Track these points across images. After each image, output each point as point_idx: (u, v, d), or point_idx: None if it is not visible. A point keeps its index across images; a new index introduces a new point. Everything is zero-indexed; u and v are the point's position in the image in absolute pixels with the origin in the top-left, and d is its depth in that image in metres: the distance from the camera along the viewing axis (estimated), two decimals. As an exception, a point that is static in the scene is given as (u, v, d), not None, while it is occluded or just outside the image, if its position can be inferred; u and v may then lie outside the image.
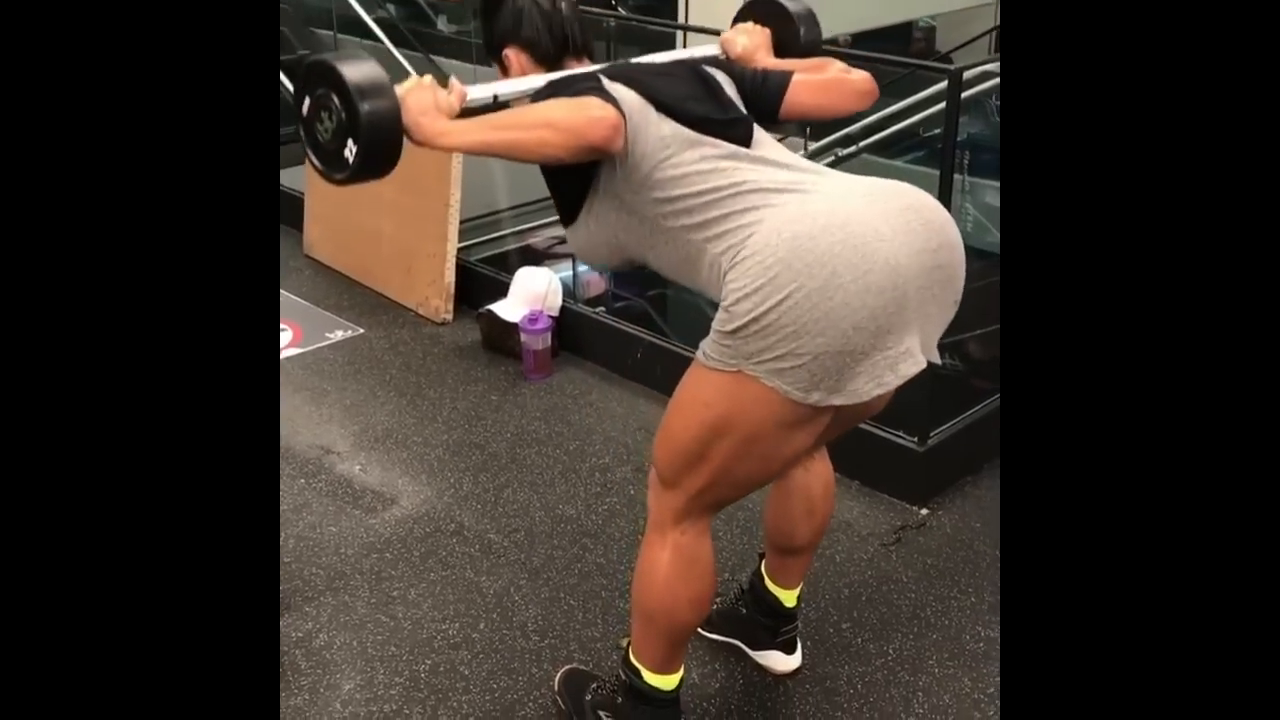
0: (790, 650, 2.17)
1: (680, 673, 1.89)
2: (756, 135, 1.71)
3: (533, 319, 3.33)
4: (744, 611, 2.19)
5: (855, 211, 1.54)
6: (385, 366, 3.46)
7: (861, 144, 4.38)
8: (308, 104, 1.53)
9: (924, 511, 2.70)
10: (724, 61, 1.88)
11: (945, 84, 2.58)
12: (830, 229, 1.50)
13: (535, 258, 4.05)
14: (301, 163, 1.59)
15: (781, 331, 1.49)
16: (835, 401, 1.54)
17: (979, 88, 3.65)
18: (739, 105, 1.75)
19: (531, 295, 3.44)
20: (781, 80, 1.81)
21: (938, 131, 3.50)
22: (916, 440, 2.68)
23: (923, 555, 2.54)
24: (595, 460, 2.93)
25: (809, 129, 4.24)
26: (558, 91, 1.62)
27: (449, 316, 3.72)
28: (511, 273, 3.56)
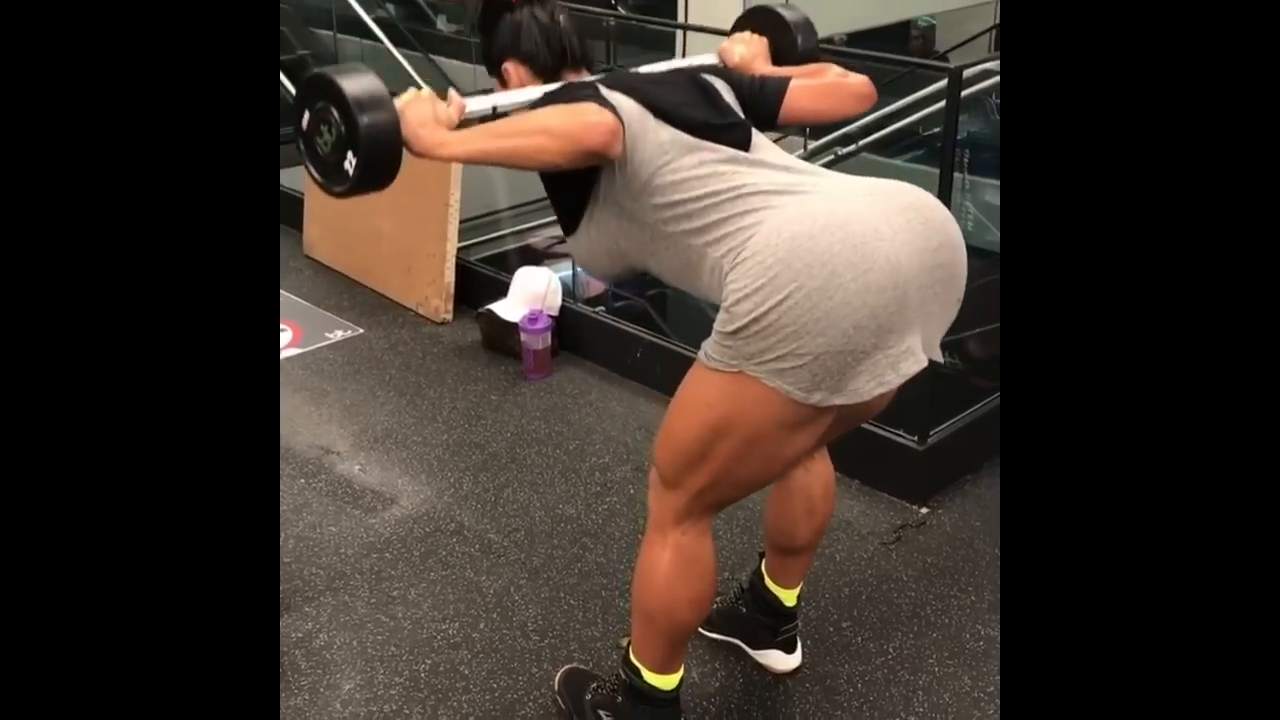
0: (790, 649, 2.18)
1: (680, 672, 1.89)
2: (755, 139, 1.71)
3: (532, 318, 3.33)
4: (744, 610, 2.19)
5: (855, 211, 1.54)
6: (385, 366, 3.46)
7: (861, 143, 4.39)
8: (307, 118, 1.54)
9: (924, 510, 2.70)
10: (722, 69, 1.88)
11: (945, 82, 2.58)
12: (830, 228, 1.50)
13: (535, 257, 4.06)
14: (301, 163, 1.59)
15: (782, 332, 1.49)
16: (837, 401, 1.54)
17: (979, 86, 3.66)
18: (737, 111, 1.75)
19: (531, 295, 3.44)
20: (779, 86, 1.82)
21: (937, 130, 3.51)
22: (916, 439, 2.69)
23: (923, 554, 2.54)
24: (595, 460, 2.93)
25: (808, 129, 4.25)
26: (556, 101, 1.62)
27: (449, 316, 3.72)
28: (511, 272, 3.56)
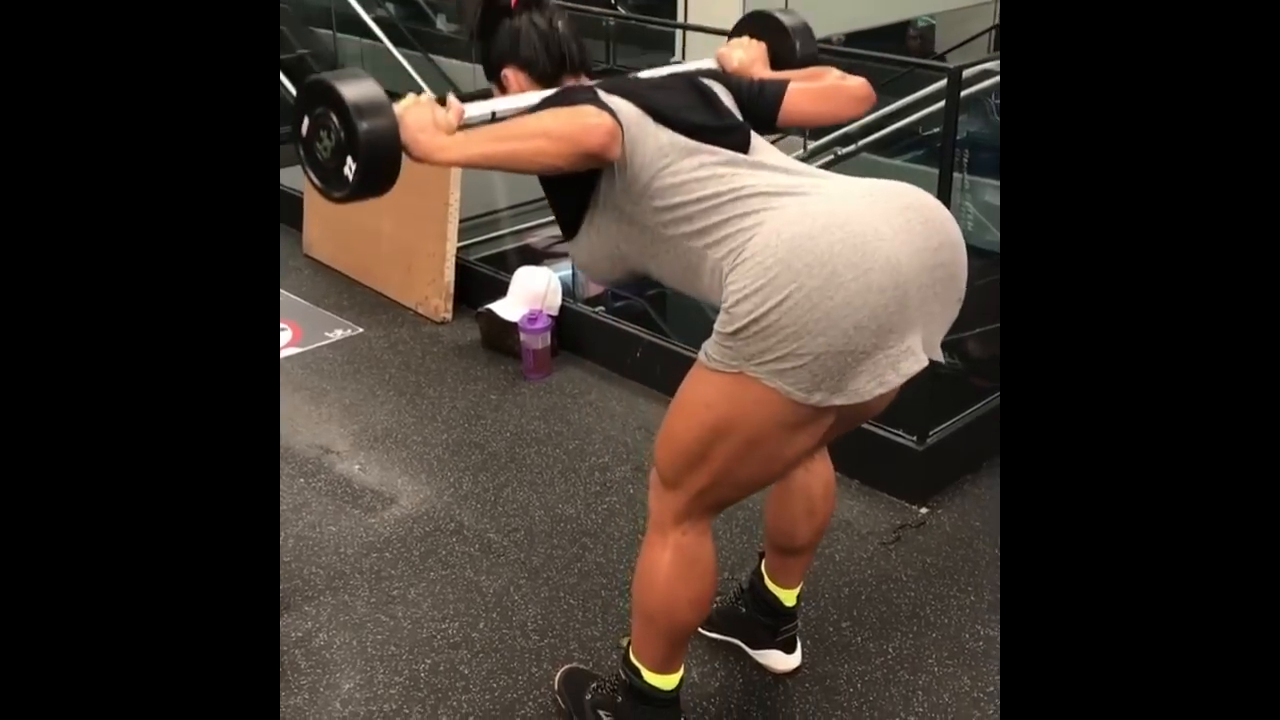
0: (790, 649, 2.18)
1: (680, 672, 1.89)
2: (754, 142, 1.72)
3: (532, 318, 3.33)
4: (744, 610, 2.19)
5: (855, 211, 1.54)
6: (385, 366, 3.46)
7: (861, 143, 4.39)
8: (307, 124, 1.54)
9: (923, 510, 2.70)
10: (720, 74, 1.88)
11: (944, 82, 2.58)
12: (830, 228, 1.50)
13: (535, 257, 4.05)
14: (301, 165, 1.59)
15: (782, 332, 1.49)
16: (837, 401, 1.54)
17: (978, 86, 3.66)
18: (735, 114, 1.76)
19: (531, 294, 3.44)
20: (778, 89, 1.82)
21: (937, 130, 3.51)
22: (916, 439, 2.69)
23: (922, 554, 2.54)
24: (595, 459, 2.93)
25: (807, 129, 4.25)
26: (554, 105, 1.62)
27: (448, 316, 3.72)
28: (511, 272, 3.56)
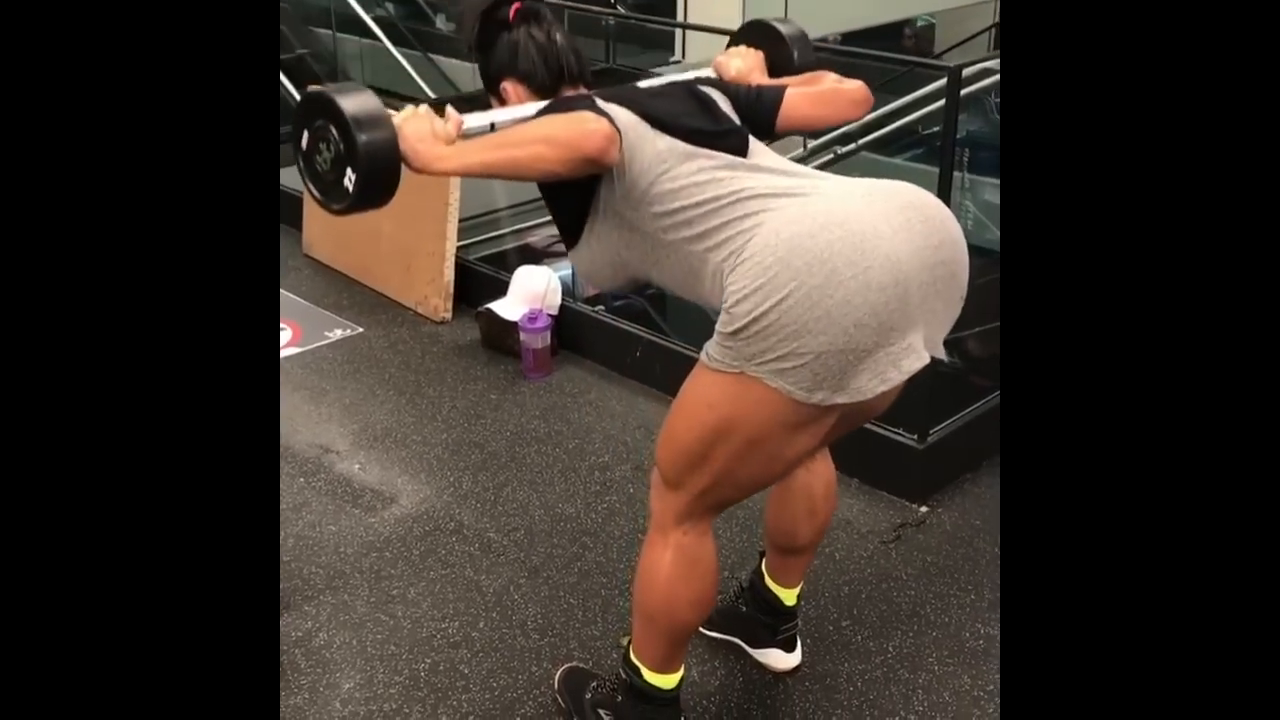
0: (790, 648, 2.18)
1: (681, 671, 1.89)
2: (752, 145, 1.72)
3: (532, 317, 3.33)
4: (744, 609, 2.19)
5: (854, 210, 1.54)
6: (384, 365, 3.46)
7: (860, 142, 4.39)
8: (306, 137, 1.55)
9: (924, 509, 2.70)
10: (718, 81, 1.88)
11: (944, 81, 2.58)
12: (829, 227, 1.50)
13: (534, 256, 4.05)
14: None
15: (783, 331, 1.49)
16: (839, 400, 1.54)
17: (978, 85, 3.65)
18: (733, 118, 1.76)
19: (531, 294, 3.44)
20: (776, 94, 1.82)
21: (937, 129, 3.51)
22: (916, 438, 2.69)
23: (922, 553, 2.54)
24: (595, 459, 2.93)
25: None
26: (552, 113, 1.63)
27: (448, 315, 3.72)
28: (510, 271, 3.56)
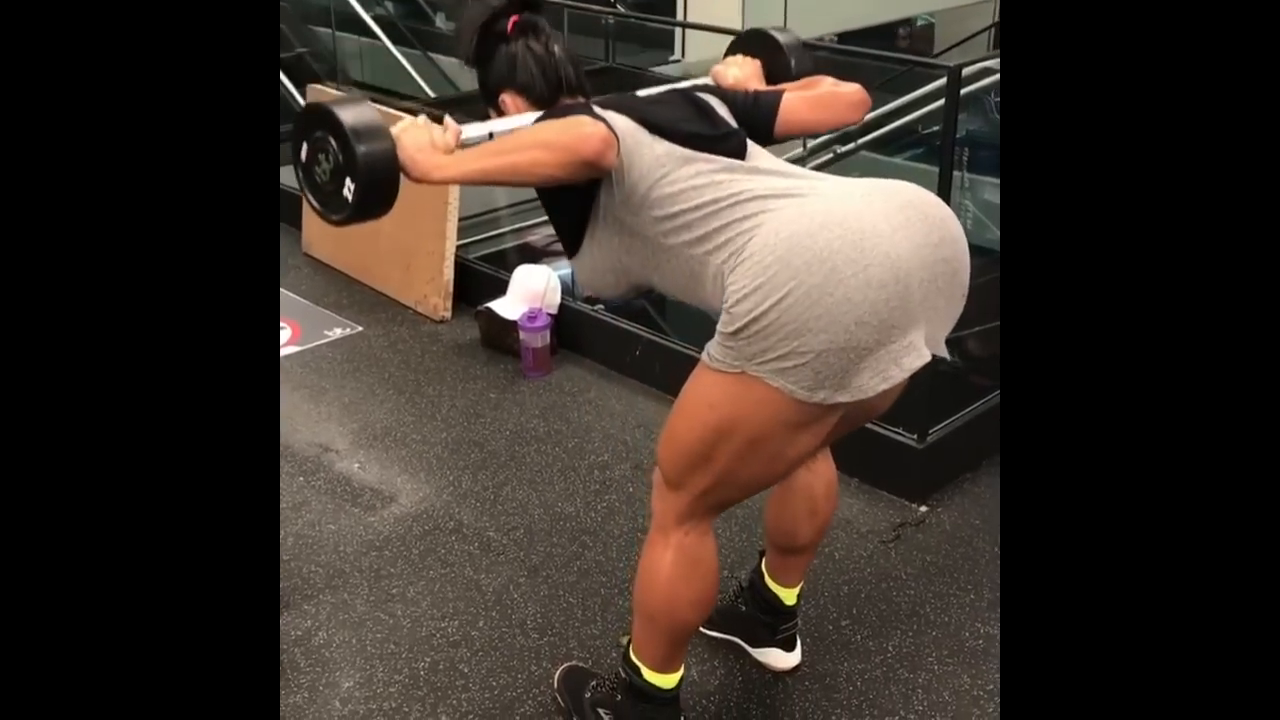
0: (790, 648, 2.18)
1: (681, 671, 1.89)
2: (751, 148, 1.72)
3: (531, 316, 3.33)
4: (743, 609, 2.19)
5: (853, 209, 1.54)
6: (384, 364, 3.46)
7: (860, 141, 4.39)
8: (305, 149, 1.55)
9: (923, 509, 2.70)
10: (716, 88, 1.89)
11: (944, 81, 2.58)
12: (828, 225, 1.50)
13: (534, 255, 4.05)
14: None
15: (783, 330, 1.49)
16: (840, 399, 1.54)
17: (978, 84, 3.65)
18: (731, 123, 1.76)
19: (530, 293, 3.43)
20: (773, 99, 1.83)
21: (937, 128, 3.50)
22: (916, 437, 2.69)
23: (922, 552, 2.54)
24: (594, 458, 2.93)
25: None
26: (550, 120, 1.63)
27: (448, 314, 3.72)
28: (510, 270, 3.56)
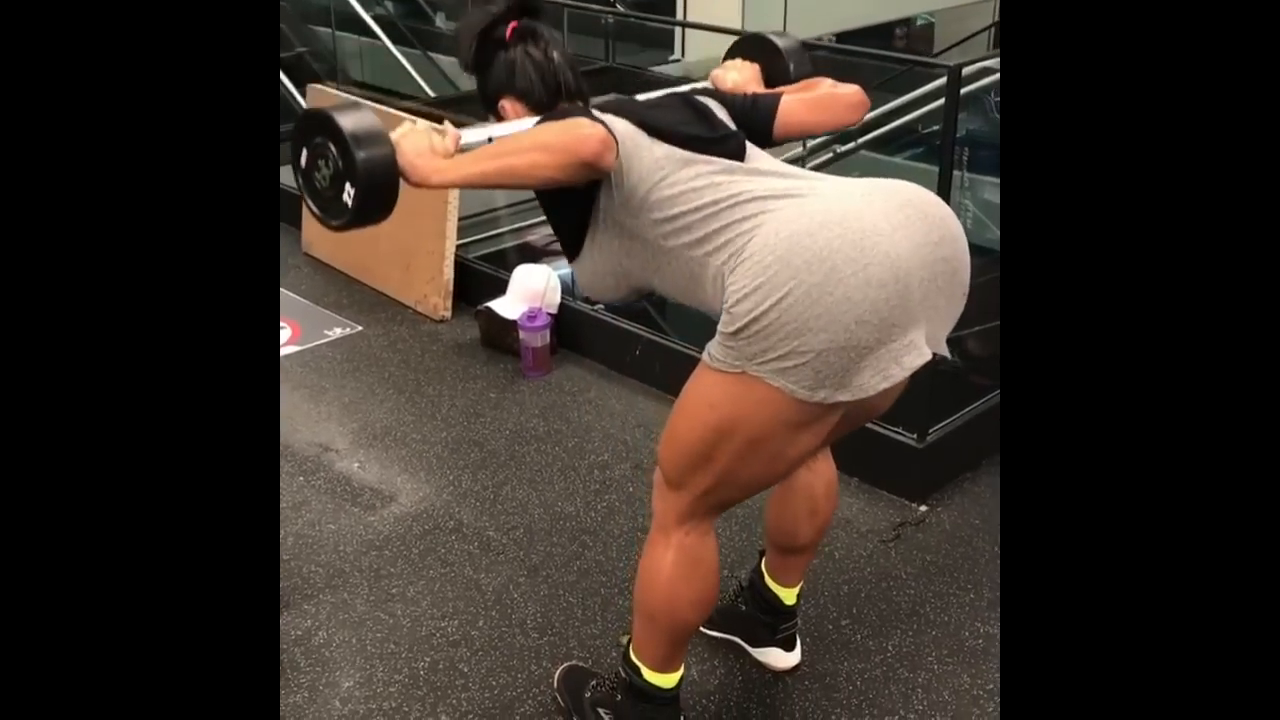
0: (789, 647, 2.18)
1: (680, 671, 1.89)
2: (750, 150, 1.73)
3: (531, 316, 3.33)
4: (743, 608, 2.19)
5: (853, 209, 1.54)
6: (384, 364, 3.46)
7: (860, 140, 4.38)
8: (305, 155, 1.56)
9: (923, 508, 2.70)
10: (714, 92, 1.89)
11: (944, 80, 2.58)
12: (828, 225, 1.50)
13: (534, 255, 4.05)
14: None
15: (783, 330, 1.49)
16: (841, 398, 1.54)
17: (978, 84, 3.65)
18: (730, 125, 1.76)
19: (530, 292, 3.43)
20: (771, 101, 1.83)
21: (937, 128, 3.50)
22: (916, 437, 2.68)
23: (922, 552, 2.54)
24: (594, 457, 2.93)
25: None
26: (549, 122, 1.63)
27: (448, 314, 3.72)
28: (510, 270, 3.56)
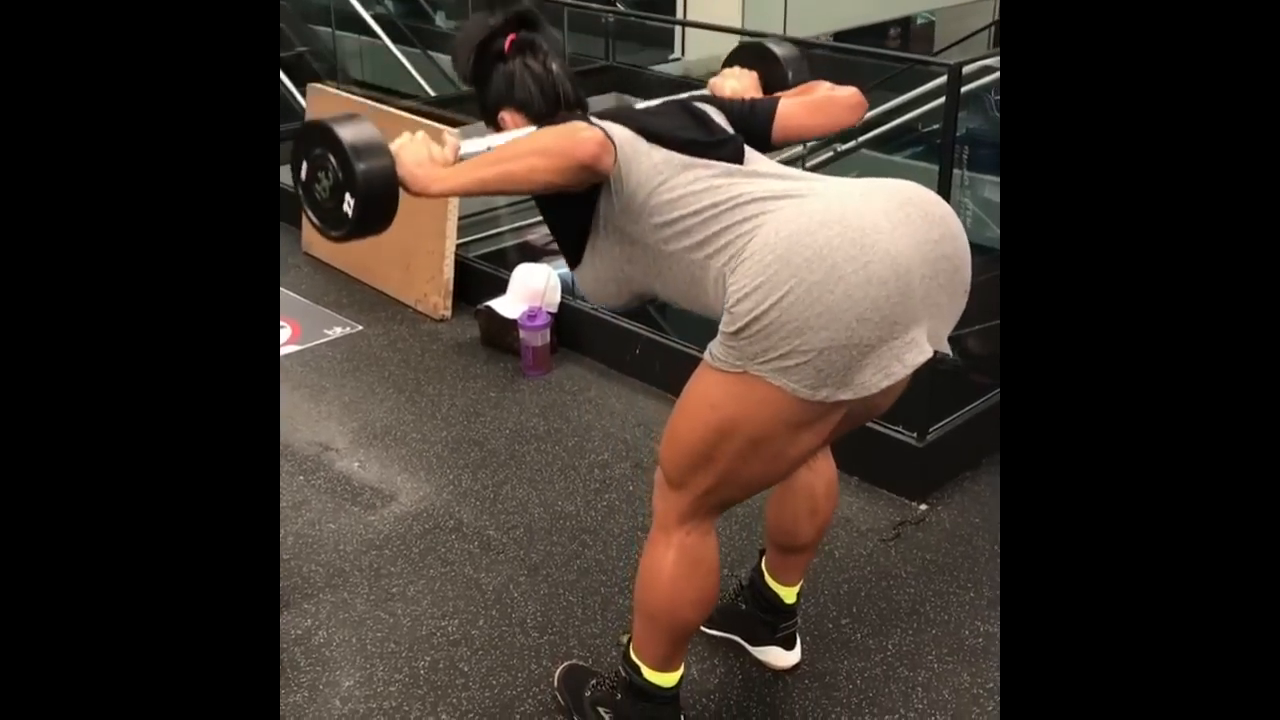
0: (789, 646, 2.18)
1: (681, 670, 1.89)
2: (748, 153, 1.73)
3: (531, 315, 3.33)
4: (743, 607, 2.19)
5: (853, 208, 1.54)
6: (384, 363, 3.46)
7: (860, 139, 4.39)
8: (305, 167, 1.56)
9: (923, 507, 2.70)
10: (712, 98, 1.89)
11: (945, 79, 2.58)
12: (828, 224, 1.50)
13: (534, 254, 4.05)
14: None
15: (785, 329, 1.49)
16: (843, 396, 1.54)
17: (978, 82, 3.65)
18: (728, 129, 1.77)
19: (530, 292, 3.43)
20: (769, 105, 1.84)
21: (937, 127, 3.51)
22: (916, 436, 2.69)
23: (922, 551, 2.54)
24: (594, 457, 2.93)
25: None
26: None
27: (448, 313, 3.72)
28: (510, 269, 3.56)
